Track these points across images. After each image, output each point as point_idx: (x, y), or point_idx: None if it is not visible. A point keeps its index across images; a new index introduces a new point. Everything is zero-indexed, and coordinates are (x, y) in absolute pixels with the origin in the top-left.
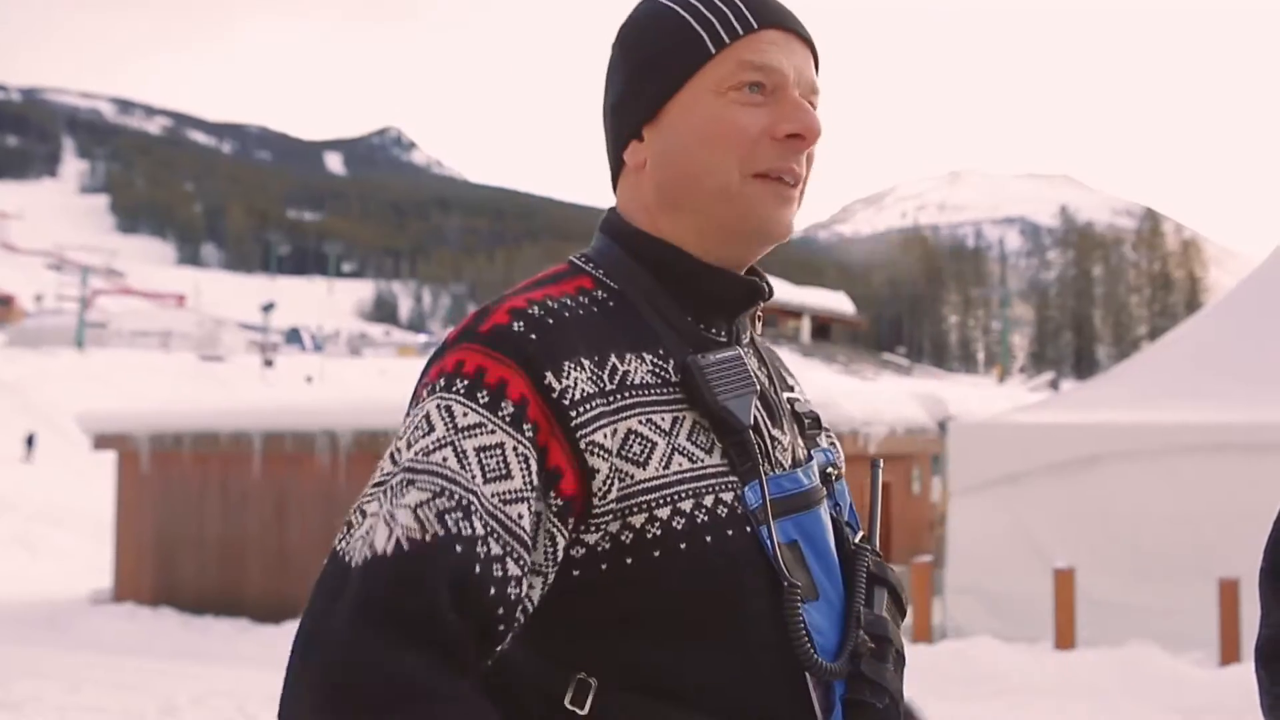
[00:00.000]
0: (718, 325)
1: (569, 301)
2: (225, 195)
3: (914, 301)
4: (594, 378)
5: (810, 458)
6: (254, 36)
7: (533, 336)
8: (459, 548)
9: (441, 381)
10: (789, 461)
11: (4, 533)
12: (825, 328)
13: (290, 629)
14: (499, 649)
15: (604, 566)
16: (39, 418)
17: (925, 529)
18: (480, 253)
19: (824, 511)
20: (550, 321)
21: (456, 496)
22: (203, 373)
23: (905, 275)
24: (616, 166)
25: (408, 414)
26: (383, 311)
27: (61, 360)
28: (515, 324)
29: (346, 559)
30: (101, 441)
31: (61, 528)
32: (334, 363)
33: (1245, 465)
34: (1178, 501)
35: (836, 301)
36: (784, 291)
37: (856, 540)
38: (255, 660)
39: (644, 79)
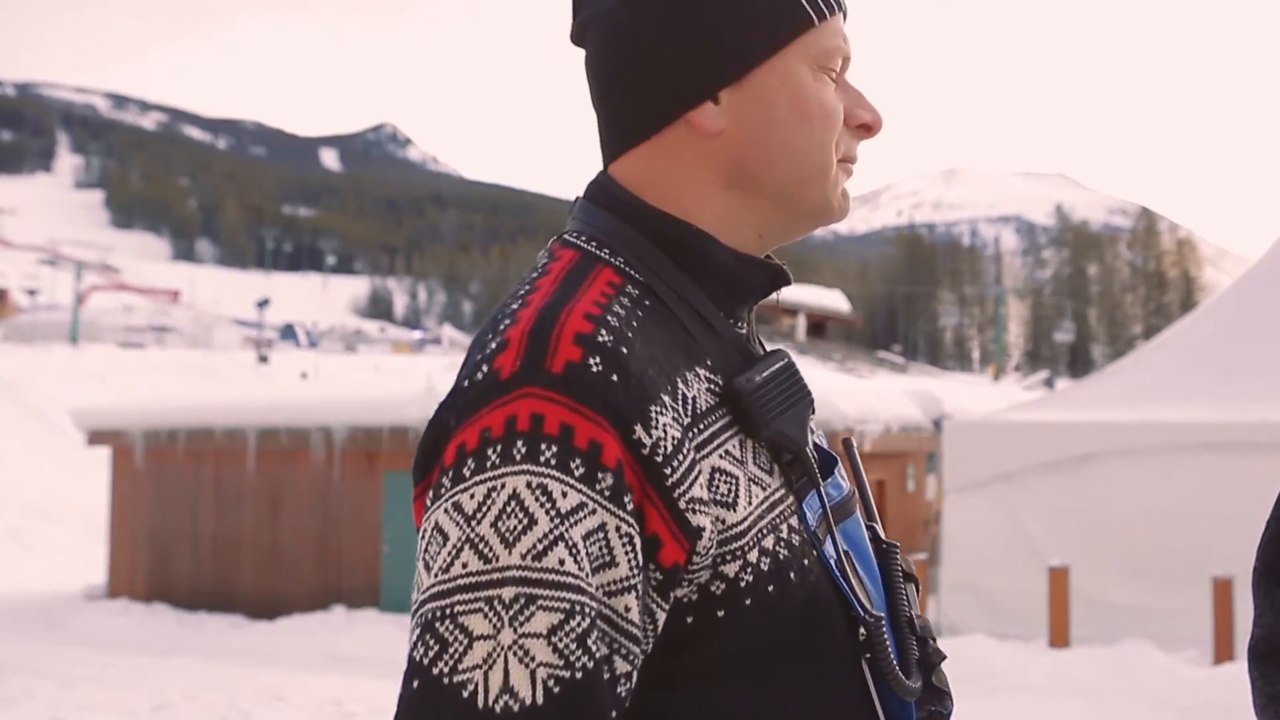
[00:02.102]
0: (740, 316)
1: (620, 311)
2: (220, 191)
3: (909, 300)
4: (676, 416)
5: (835, 459)
6: (249, 32)
7: (614, 379)
8: (604, 674)
9: (520, 445)
10: (818, 465)
11: None
12: (820, 326)
13: (283, 625)
14: None
15: (690, 620)
16: (33, 414)
17: (920, 527)
18: (476, 249)
19: (860, 515)
20: (624, 352)
21: (588, 611)
22: (195, 368)
23: (900, 273)
24: (654, 128)
25: (460, 472)
26: (378, 308)
27: (55, 356)
28: (592, 361)
29: (470, 696)
30: (96, 438)
31: (55, 523)
32: (329, 359)
33: (1239, 464)
34: (1172, 500)
35: (832, 299)
36: None
37: (885, 538)
38: (248, 656)
39: (738, 31)
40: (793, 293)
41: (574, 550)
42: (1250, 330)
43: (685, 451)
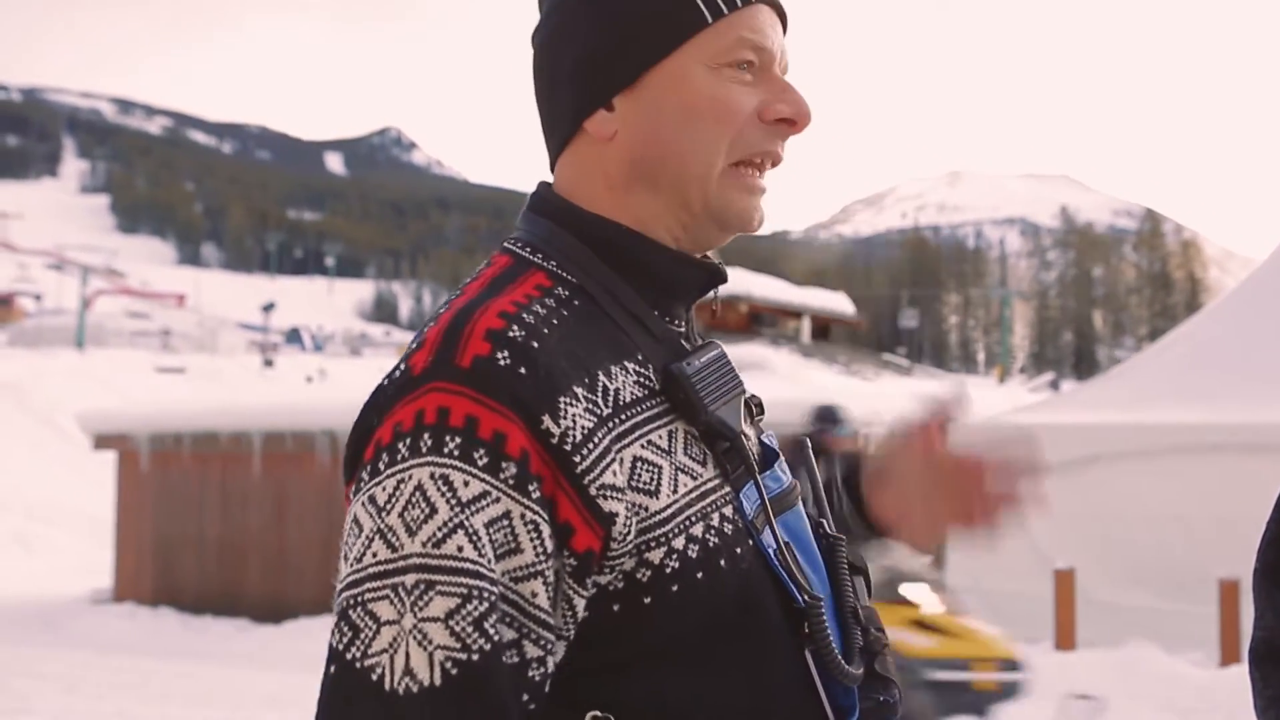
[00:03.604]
0: (677, 315)
1: (540, 310)
2: (225, 195)
3: (914, 302)
4: (590, 407)
5: (777, 453)
6: (254, 36)
7: (522, 371)
8: (504, 658)
9: (426, 438)
10: (758, 458)
11: (2, 531)
12: (825, 328)
13: (290, 629)
14: None
15: (616, 607)
16: (38, 417)
17: None
18: (480, 252)
19: (802, 507)
20: (535, 346)
21: (485, 595)
22: (201, 371)
23: (905, 276)
24: (566, 136)
25: (377, 465)
26: (383, 311)
27: (61, 360)
28: (500, 355)
29: (378, 679)
30: (101, 441)
31: (61, 527)
32: (334, 362)
33: (1245, 465)
34: (1177, 502)
35: (836, 302)
36: (784, 292)
37: (833, 530)
38: (254, 660)
39: (625, 39)
40: (797, 295)
41: (474, 537)
42: (1256, 332)
43: (598, 440)
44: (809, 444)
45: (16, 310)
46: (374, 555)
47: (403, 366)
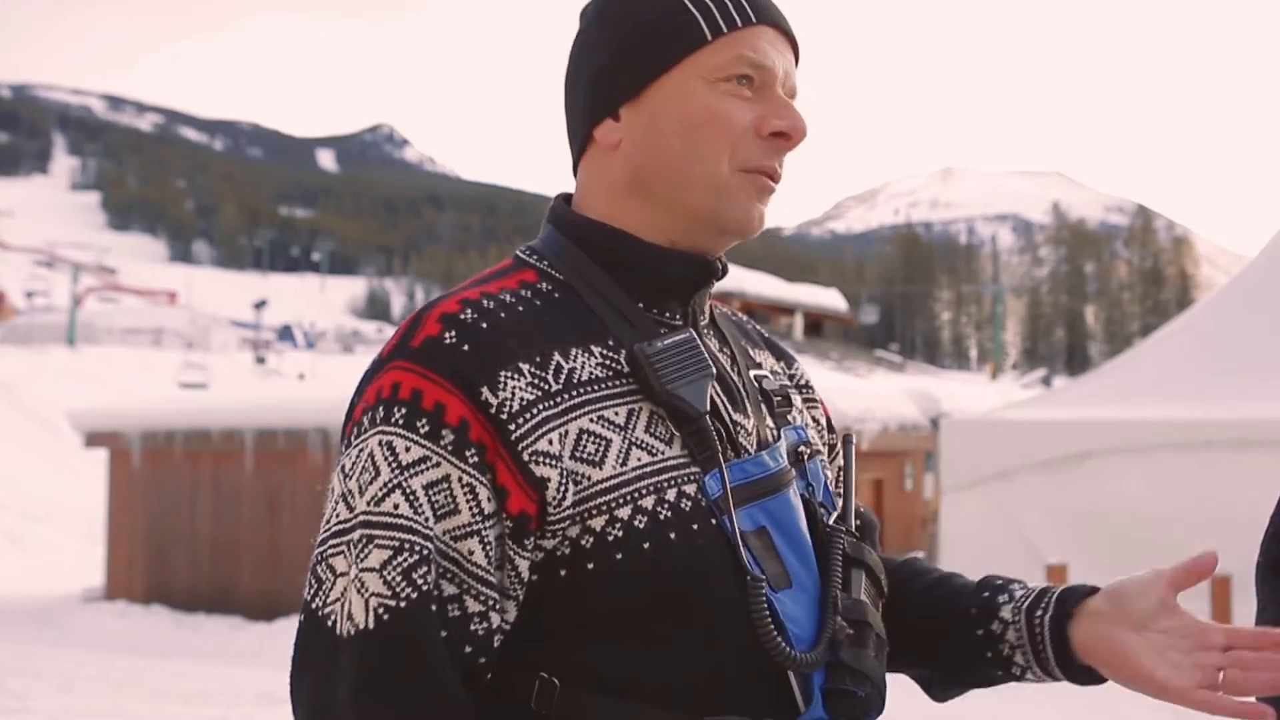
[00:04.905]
0: (671, 309)
1: (508, 298)
2: (217, 192)
3: (906, 299)
4: (535, 381)
5: (779, 438)
6: (246, 33)
7: (465, 348)
8: (434, 607)
9: (380, 410)
10: (754, 445)
11: None
12: (817, 325)
13: (282, 627)
14: (488, 676)
15: (563, 572)
16: (30, 415)
17: (918, 525)
18: (473, 250)
19: (793, 494)
20: (484, 326)
21: (417, 548)
22: (193, 369)
23: (898, 272)
24: (583, 144)
25: (350, 439)
26: (375, 309)
27: (53, 357)
28: (447, 334)
29: (331, 625)
30: (93, 439)
31: (53, 525)
32: (326, 360)
33: (1236, 461)
34: (1169, 498)
35: (829, 298)
36: (776, 288)
37: (831, 521)
38: (247, 658)
39: (630, 55)
40: (790, 292)
41: (411, 497)
42: (1247, 328)
43: (537, 411)
44: (851, 441)
45: (7, 308)
46: (337, 516)
47: (379, 353)
